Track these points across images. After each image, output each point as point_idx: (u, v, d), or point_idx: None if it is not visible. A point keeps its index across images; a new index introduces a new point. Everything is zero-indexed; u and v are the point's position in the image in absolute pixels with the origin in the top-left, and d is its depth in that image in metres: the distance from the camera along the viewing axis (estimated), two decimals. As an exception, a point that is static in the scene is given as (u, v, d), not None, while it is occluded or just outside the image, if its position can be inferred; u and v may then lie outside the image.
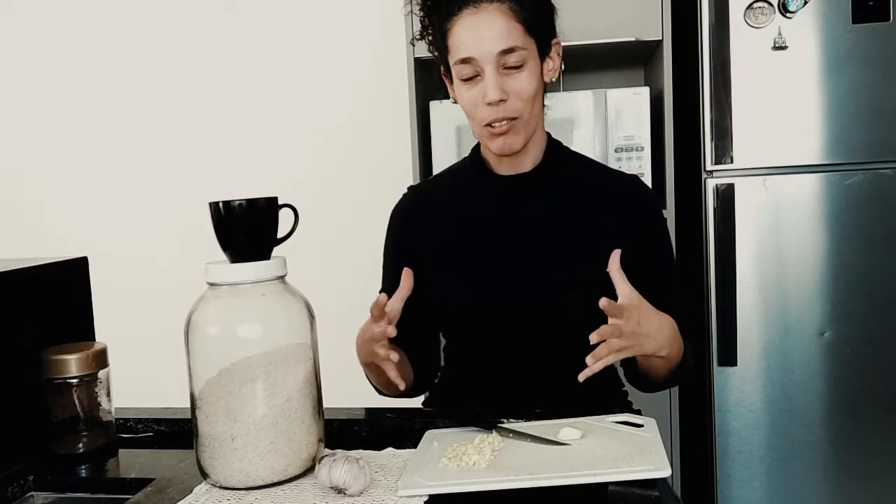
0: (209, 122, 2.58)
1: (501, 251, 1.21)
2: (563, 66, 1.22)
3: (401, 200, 1.33)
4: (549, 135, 1.26)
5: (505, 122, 1.13)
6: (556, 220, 1.21)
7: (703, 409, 1.99)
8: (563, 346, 1.16)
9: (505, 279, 1.20)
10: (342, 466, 0.86)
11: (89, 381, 1.05)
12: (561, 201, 1.22)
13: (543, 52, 1.16)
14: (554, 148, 1.25)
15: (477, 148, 1.28)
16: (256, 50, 2.53)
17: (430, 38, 1.20)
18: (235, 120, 2.56)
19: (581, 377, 0.97)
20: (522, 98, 1.12)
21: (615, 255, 1.04)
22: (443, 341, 1.37)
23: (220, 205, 0.93)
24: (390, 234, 1.31)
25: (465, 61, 1.12)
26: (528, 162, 1.22)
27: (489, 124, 1.13)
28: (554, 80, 1.21)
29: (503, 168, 1.23)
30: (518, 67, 1.12)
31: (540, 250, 1.20)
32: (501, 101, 1.11)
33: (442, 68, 1.21)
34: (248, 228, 0.94)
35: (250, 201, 0.93)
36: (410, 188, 1.35)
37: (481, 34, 1.10)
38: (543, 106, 1.22)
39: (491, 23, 1.10)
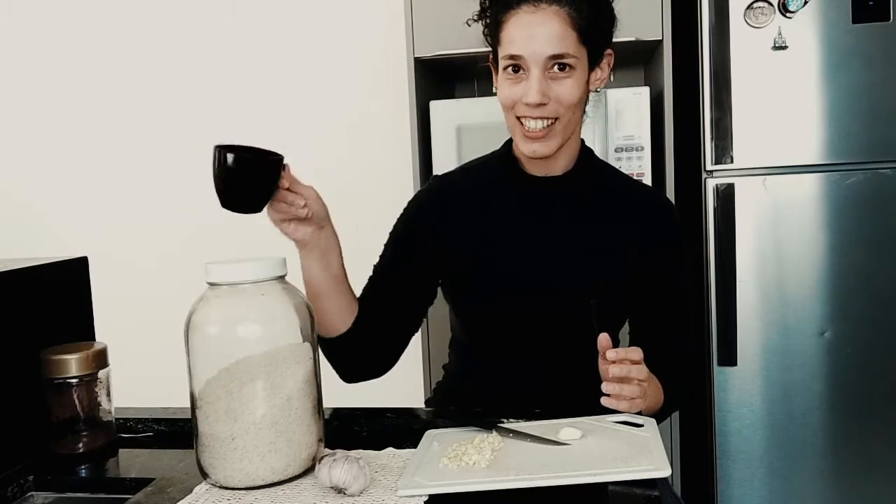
0: (208, 119, 2.58)
1: (524, 251, 1.21)
2: (611, 77, 1.22)
3: (427, 187, 1.31)
4: (582, 141, 1.26)
5: (543, 124, 1.13)
6: (582, 226, 1.22)
7: (703, 409, 1.99)
8: (577, 348, 1.17)
9: (526, 279, 1.20)
10: (342, 466, 0.86)
11: (89, 381, 1.05)
12: (588, 208, 1.23)
13: (594, 62, 1.16)
14: (586, 156, 1.25)
15: (508, 143, 1.27)
16: (256, 50, 2.53)
17: (487, 23, 1.19)
18: (235, 120, 2.56)
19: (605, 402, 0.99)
20: (563, 104, 1.13)
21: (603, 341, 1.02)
22: (449, 337, 1.38)
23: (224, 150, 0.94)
24: (407, 216, 1.29)
25: (513, 57, 1.12)
26: (560, 166, 1.22)
27: (522, 124, 1.14)
28: (600, 90, 1.21)
29: (534, 168, 1.23)
30: (565, 74, 1.11)
31: (563, 253, 1.21)
32: (541, 104, 1.11)
33: (490, 56, 1.21)
34: (247, 177, 0.95)
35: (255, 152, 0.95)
36: (436, 177, 1.33)
37: (535, 34, 1.10)
38: (584, 113, 1.22)
39: (546, 25, 1.09)
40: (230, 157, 0.94)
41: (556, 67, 1.11)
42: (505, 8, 1.13)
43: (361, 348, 1.20)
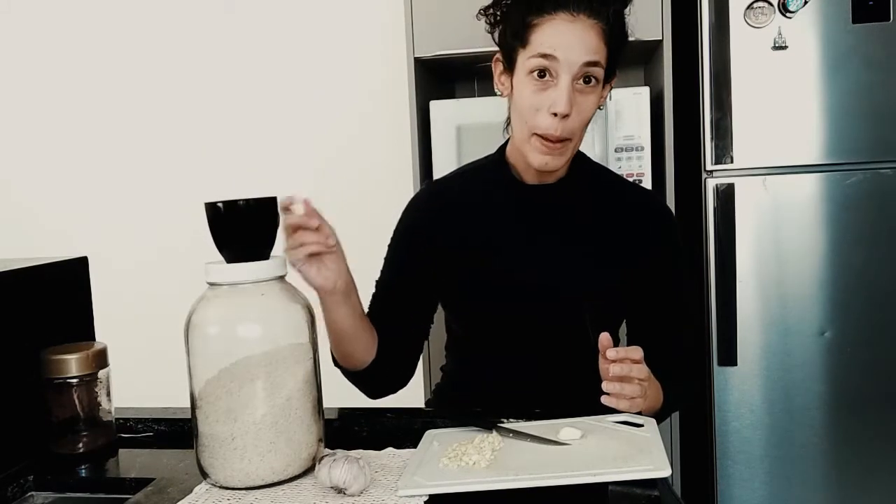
0: (208, 121, 2.58)
1: (520, 256, 1.21)
2: (610, 97, 1.23)
3: (420, 193, 1.31)
4: None
5: (559, 143, 1.12)
6: (577, 229, 1.22)
7: (703, 409, 1.99)
8: (576, 349, 1.17)
9: (522, 283, 1.20)
10: (342, 466, 0.86)
11: (89, 381, 1.05)
12: (582, 212, 1.23)
13: (608, 80, 1.16)
14: (580, 161, 1.25)
15: (503, 149, 1.26)
16: (256, 50, 2.53)
17: (496, 19, 1.17)
18: (234, 120, 2.56)
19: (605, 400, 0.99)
20: (582, 118, 1.12)
21: (604, 340, 1.02)
22: (445, 338, 1.37)
23: (218, 205, 0.92)
24: (403, 225, 1.28)
25: (545, 57, 1.09)
26: (554, 174, 1.22)
27: (542, 136, 1.11)
28: (599, 110, 1.21)
29: (529, 176, 1.22)
30: (591, 87, 1.11)
31: (559, 258, 1.21)
32: (566, 115, 1.09)
33: (499, 55, 1.19)
34: (244, 229, 0.93)
35: (246, 201, 0.93)
36: (430, 183, 1.32)
37: (573, 40, 1.09)
38: None
39: (585, 33, 1.09)
40: (222, 208, 0.92)
41: (583, 79, 1.10)
42: (538, 10, 1.10)
43: (385, 369, 1.21)
